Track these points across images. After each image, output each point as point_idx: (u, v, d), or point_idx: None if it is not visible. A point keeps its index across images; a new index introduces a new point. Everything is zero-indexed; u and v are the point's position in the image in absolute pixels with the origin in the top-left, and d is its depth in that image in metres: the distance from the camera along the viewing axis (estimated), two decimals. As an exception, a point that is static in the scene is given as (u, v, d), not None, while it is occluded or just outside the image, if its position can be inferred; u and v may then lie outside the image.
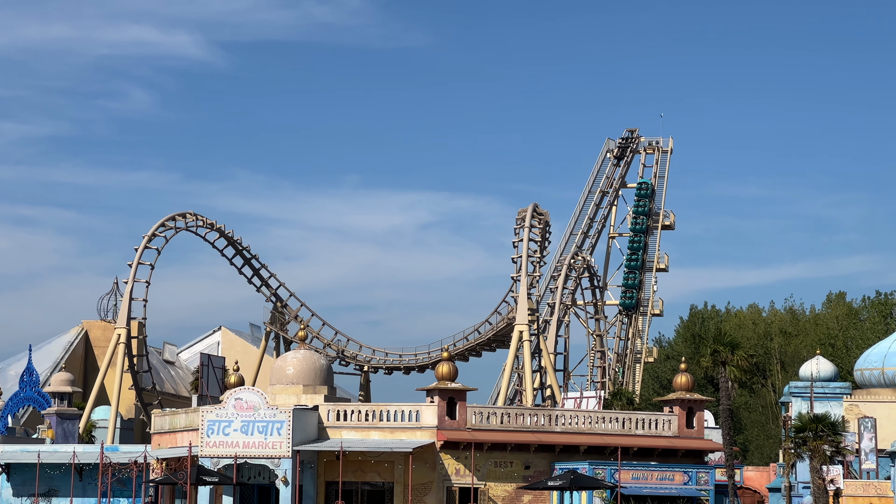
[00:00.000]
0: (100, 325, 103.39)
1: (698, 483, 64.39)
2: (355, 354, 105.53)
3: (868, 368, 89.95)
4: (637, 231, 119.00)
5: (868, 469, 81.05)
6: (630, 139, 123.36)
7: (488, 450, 63.84)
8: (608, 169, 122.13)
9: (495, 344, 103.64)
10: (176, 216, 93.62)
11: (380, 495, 63.91)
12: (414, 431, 63.43)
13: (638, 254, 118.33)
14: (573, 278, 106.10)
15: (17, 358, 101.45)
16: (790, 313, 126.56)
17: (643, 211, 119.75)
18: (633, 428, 66.86)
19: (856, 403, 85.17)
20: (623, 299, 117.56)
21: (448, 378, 64.43)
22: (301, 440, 62.53)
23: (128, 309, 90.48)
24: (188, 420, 65.94)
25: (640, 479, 63.62)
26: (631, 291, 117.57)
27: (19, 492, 74.00)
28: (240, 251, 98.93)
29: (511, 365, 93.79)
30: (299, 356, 69.55)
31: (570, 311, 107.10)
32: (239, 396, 62.87)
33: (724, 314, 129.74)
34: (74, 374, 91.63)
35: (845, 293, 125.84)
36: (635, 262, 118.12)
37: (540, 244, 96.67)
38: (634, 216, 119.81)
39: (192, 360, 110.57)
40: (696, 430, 67.96)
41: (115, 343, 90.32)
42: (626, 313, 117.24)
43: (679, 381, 68.89)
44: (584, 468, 62.25)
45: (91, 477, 71.77)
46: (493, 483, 64.04)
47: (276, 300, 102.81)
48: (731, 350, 71.82)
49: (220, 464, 62.45)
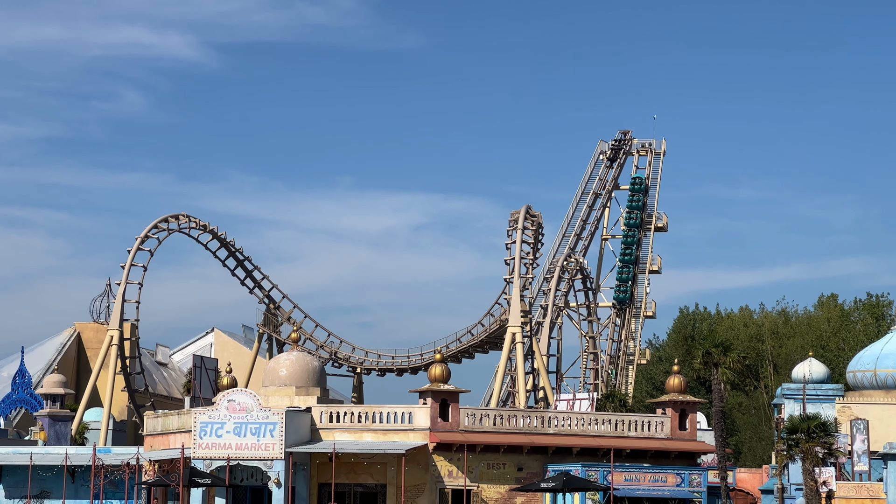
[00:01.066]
0: (92, 326, 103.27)
1: (691, 485, 64.46)
2: (348, 356, 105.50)
3: (860, 370, 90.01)
4: (631, 226, 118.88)
5: (860, 471, 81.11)
6: (623, 141, 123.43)
7: (481, 451, 63.85)
8: (601, 171, 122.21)
9: (488, 346, 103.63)
10: (169, 218, 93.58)
11: (372, 497, 63.89)
12: (407, 433, 63.45)
13: (632, 248, 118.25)
14: (566, 280, 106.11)
15: (9, 360, 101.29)
16: (782, 315, 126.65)
17: (637, 206, 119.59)
18: (625, 430, 66.90)
19: (848, 405, 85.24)
20: (617, 293, 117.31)
21: (441, 380, 64.45)
22: (294, 442, 62.52)
23: (120, 311, 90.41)
24: (181, 422, 65.91)
25: (632, 480, 63.67)
26: (625, 286, 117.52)
27: (11, 494, 73.91)
28: (233, 253, 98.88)
29: (504, 367, 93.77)
30: (292, 358, 69.53)
31: (562, 313, 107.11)
32: (232, 398, 62.86)
33: (716, 316, 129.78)
34: (67, 375, 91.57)
35: (837, 295, 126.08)
36: (629, 256, 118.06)
37: (533, 246, 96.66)
38: (629, 211, 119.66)
39: (185, 361, 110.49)
40: (689, 431, 68.01)
41: (108, 345, 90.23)
42: (620, 309, 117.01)
43: (672, 383, 68.95)
44: (576, 470, 62.31)
45: (83, 479, 71.70)
46: (485, 485, 64.04)
47: (269, 302, 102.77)
48: (724, 352, 71.94)
49: (213, 465, 62.43)
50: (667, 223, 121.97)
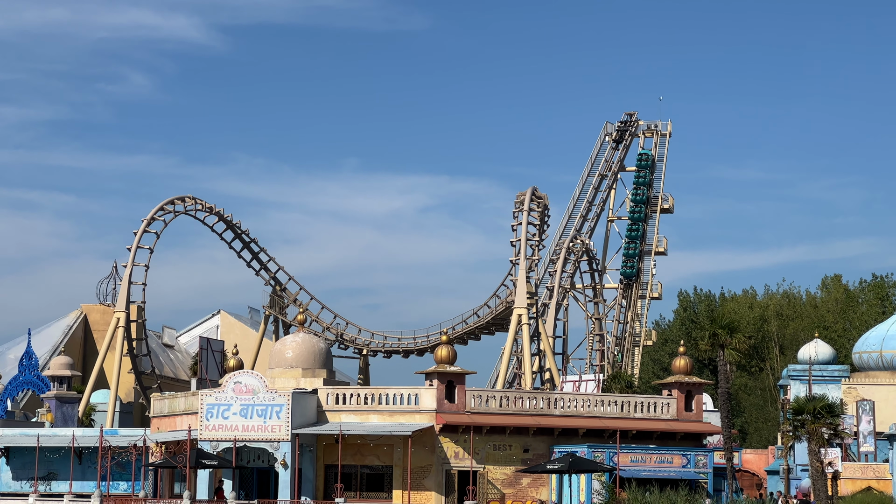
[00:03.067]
0: (99, 308, 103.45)
1: (697, 466, 64.55)
2: (354, 338, 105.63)
3: (866, 351, 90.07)
4: (637, 202, 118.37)
5: (866, 452, 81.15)
6: (629, 122, 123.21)
7: (487, 433, 63.94)
8: (607, 152, 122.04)
9: (494, 327, 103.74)
10: (175, 200, 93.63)
11: (379, 478, 64.02)
12: (413, 415, 63.54)
13: (638, 224, 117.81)
14: (572, 262, 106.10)
15: (16, 342, 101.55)
16: (786, 297, 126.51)
17: (644, 182, 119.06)
18: (631, 411, 66.99)
19: (854, 386, 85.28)
20: (624, 269, 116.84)
21: (447, 361, 64.51)
22: (300, 423, 62.63)
23: (127, 293, 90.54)
24: (187, 404, 66.04)
25: (638, 461, 63.75)
26: (631, 261, 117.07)
27: (19, 475, 74.15)
28: (239, 235, 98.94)
29: (510, 348, 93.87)
30: (298, 340, 69.60)
31: (568, 295, 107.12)
32: (238, 380, 62.97)
33: (720, 298, 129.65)
34: (73, 357, 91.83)
35: (840, 276, 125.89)
36: (636, 232, 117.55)
37: (539, 227, 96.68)
38: (635, 187, 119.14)
39: (192, 343, 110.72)
40: (695, 413, 68.09)
41: (115, 327, 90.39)
42: (627, 285, 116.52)
43: (678, 365, 69.03)
44: (582, 451, 62.38)
45: (90, 460, 71.90)
46: (491, 466, 64.14)
47: (276, 284, 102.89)
48: (730, 333, 71.81)
49: (220, 447, 62.57)
50: (673, 204, 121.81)
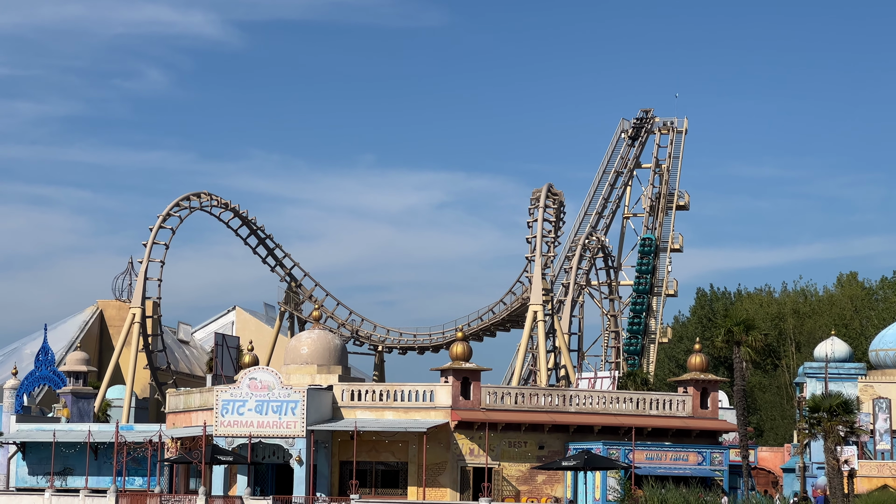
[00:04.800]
0: (115, 304, 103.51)
1: (712, 463, 64.44)
2: (369, 334, 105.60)
3: (883, 349, 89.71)
4: (641, 292, 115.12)
5: (883, 450, 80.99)
6: (645, 119, 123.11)
7: (502, 430, 63.91)
8: (623, 149, 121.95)
9: (509, 324, 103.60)
10: (191, 196, 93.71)
11: (394, 475, 64.04)
12: (428, 411, 63.53)
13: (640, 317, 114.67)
14: (587, 258, 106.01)
15: (32, 337, 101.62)
16: (802, 294, 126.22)
17: (647, 270, 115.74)
18: (647, 408, 66.88)
19: (870, 384, 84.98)
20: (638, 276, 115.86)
21: (462, 358, 64.49)
22: (315, 420, 62.66)
23: (142, 288, 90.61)
24: (203, 399, 66.12)
25: (654, 459, 63.68)
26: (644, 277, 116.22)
27: (35, 470, 74.32)
28: (254, 231, 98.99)
29: (525, 345, 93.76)
30: (313, 336, 69.63)
31: (584, 292, 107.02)
32: (253, 376, 63.02)
33: (736, 295, 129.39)
34: (89, 353, 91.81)
35: (857, 273, 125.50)
36: (638, 326, 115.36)
37: (554, 224, 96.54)
38: (638, 276, 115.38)
39: (207, 339, 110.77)
40: (711, 410, 67.96)
41: (130, 322, 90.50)
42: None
43: (693, 362, 68.88)
44: (598, 448, 62.33)
45: (106, 456, 72.04)
46: (507, 463, 64.12)
47: (291, 280, 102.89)
48: (746, 330, 71.73)
49: (235, 443, 62.64)
50: (688, 202, 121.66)
